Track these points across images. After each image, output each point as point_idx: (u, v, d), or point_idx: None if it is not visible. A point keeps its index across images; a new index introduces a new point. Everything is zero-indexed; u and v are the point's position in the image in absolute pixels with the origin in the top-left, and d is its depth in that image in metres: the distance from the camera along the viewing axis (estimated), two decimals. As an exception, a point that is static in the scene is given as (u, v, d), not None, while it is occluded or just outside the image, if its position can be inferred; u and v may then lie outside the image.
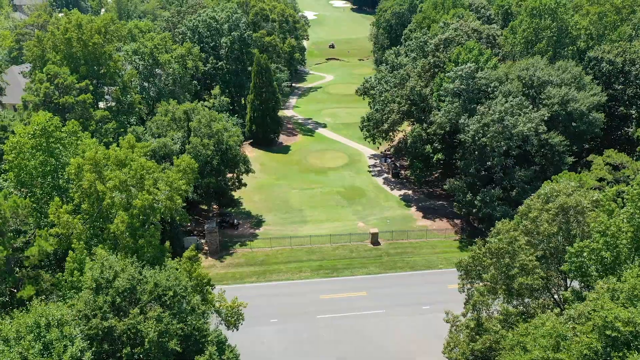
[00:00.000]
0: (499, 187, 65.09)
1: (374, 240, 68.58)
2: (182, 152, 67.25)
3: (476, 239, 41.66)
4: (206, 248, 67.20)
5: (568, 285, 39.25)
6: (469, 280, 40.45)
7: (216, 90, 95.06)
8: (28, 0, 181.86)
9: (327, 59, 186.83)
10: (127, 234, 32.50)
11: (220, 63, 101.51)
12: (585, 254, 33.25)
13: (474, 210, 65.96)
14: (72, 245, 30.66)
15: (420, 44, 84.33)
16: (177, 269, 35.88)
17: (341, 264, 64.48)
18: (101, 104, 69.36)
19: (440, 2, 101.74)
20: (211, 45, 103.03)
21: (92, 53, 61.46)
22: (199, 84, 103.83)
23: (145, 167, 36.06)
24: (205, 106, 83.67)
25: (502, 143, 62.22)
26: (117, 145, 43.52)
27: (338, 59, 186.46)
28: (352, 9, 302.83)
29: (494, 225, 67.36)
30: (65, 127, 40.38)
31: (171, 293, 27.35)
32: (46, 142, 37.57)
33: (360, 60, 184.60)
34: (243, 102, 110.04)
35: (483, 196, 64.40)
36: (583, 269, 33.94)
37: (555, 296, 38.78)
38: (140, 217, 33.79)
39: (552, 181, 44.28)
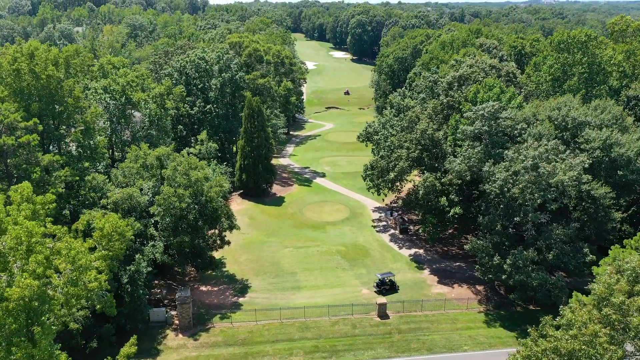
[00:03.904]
0: (532, 249, 53.69)
1: (382, 312, 56.47)
2: (151, 205, 56.56)
3: (530, 329, 30.04)
4: (177, 322, 54.93)
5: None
6: (523, 390, 28.46)
7: (203, 135, 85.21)
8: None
9: (327, 108, 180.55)
10: (-4, 341, 21.24)
11: (208, 106, 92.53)
12: None
13: (503, 277, 54.16)
14: None
15: (430, 83, 75.30)
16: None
17: (342, 344, 52.03)
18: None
19: (448, 42, 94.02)
20: (199, 87, 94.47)
21: (46, 87, 51.81)
22: (185, 129, 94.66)
23: (34, 234, 24.77)
24: (191, 153, 73.82)
25: (536, 195, 51.40)
26: (7, 199, 32.39)
27: (338, 108, 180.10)
28: (352, 60, 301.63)
29: (527, 294, 56.50)
30: None
31: None
32: None
33: (360, 109, 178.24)
34: (234, 149, 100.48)
35: (514, 259, 52.86)
36: None
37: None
38: (29, 313, 22.24)
39: (624, 247, 33.03)
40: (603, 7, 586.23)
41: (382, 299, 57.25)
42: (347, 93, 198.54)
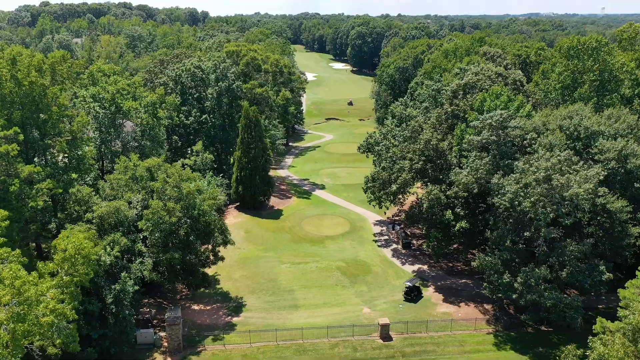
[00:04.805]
0: (544, 266, 50.40)
1: (384, 333, 53.04)
2: (140, 219, 53.37)
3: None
4: (166, 344, 51.46)
5: None
6: None
7: (198, 145, 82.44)
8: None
9: (327, 119, 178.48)
10: None
11: (204, 116, 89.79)
12: None
13: (513, 296, 50.79)
14: None
15: (433, 92, 72.53)
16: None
17: (342, 369, 48.57)
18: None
19: (451, 51, 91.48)
20: (195, 96, 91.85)
21: (29, 95, 48.92)
22: (181, 139, 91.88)
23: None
24: (186, 164, 70.88)
25: (549, 209, 48.25)
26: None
27: (338, 119, 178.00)
28: (352, 71, 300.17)
29: (540, 314, 53.17)
30: None
31: None
32: None
33: (360, 120, 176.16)
34: (231, 160, 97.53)
35: (525, 277, 49.53)
36: None
37: None
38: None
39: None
40: (602, 19, 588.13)
41: (384, 320, 53.78)
42: (350, 104, 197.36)
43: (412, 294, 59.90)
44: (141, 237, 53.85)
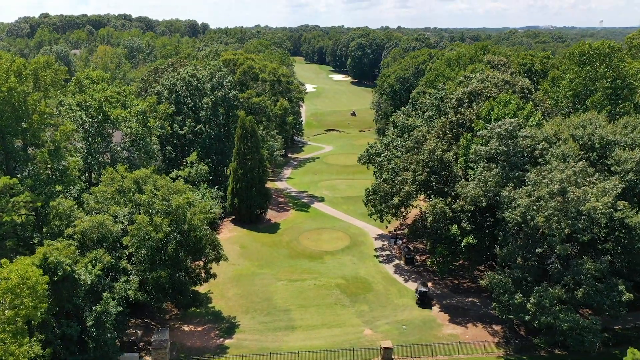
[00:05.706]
0: (559, 285, 46.93)
1: (387, 357, 49.39)
2: (126, 234, 50.00)
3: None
4: (151, 370, 47.79)
5: None
6: None
7: (192, 156, 79.42)
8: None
9: (327, 130, 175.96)
10: None
11: (199, 126, 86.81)
12: None
13: (526, 318, 47.21)
14: None
15: (436, 101, 69.52)
16: None
17: (341, 397, 44.87)
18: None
19: (454, 59, 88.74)
20: (190, 106, 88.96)
21: (7, 102, 45.85)
22: (175, 150, 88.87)
23: None
24: (180, 175, 67.72)
25: (564, 224, 44.89)
26: None
27: (337, 130, 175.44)
28: (352, 82, 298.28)
29: (555, 337, 49.52)
30: None
31: None
32: None
33: (361, 131, 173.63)
34: (227, 172, 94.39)
35: (539, 298, 46.01)
36: None
37: None
38: None
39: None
40: (600, 32, 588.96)
41: (387, 342, 50.10)
42: (353, 114, 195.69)
43: (425, 300, 58.73)
44: (127, 253, 50.45)
